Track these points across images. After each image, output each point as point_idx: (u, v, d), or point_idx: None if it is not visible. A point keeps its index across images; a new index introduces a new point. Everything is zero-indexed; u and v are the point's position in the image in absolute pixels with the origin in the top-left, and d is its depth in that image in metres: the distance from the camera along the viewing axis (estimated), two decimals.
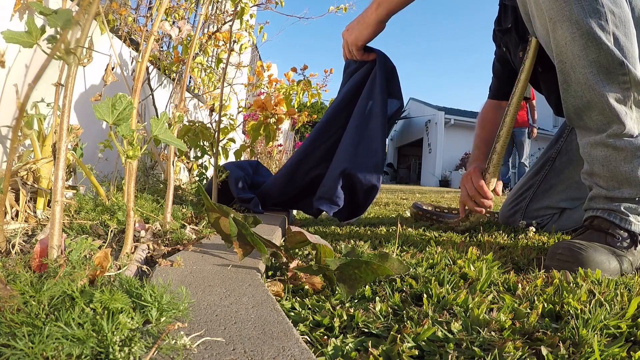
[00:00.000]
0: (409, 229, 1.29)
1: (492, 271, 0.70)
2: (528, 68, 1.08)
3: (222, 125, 1.70)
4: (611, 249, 0.81)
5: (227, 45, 1.52)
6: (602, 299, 0.58)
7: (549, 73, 1.09)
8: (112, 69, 1.21)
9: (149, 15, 1.73)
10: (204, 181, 1.62)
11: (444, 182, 12.26)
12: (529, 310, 0.53)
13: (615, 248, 0.81)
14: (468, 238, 1.14)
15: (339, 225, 1.36)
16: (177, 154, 1.60)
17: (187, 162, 1.76)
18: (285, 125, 5.88)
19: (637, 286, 0.67)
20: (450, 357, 0.41)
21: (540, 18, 0.88)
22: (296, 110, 2.21)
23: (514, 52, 1.26)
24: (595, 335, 0.46)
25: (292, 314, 0.53)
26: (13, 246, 0.63)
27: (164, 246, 0.80)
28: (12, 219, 0.79)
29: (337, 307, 0.53)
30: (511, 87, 1.14)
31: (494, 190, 1.18)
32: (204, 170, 1.66)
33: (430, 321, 0.49)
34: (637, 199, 0.84)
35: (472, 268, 0.74)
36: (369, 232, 1.23)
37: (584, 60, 0.81)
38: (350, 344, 0.43)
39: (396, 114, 1.35)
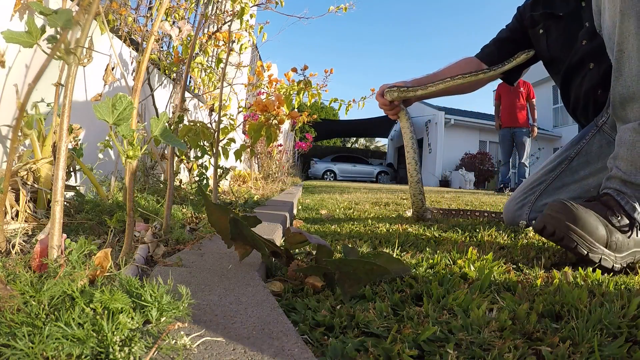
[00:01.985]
0: (409, 229, 1.29)
1: (492, 271, 0.70)
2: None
3: (222, 125, 1.70)
4: (605, 221, 0.83)
5: (227, 45, 1.52)
6: (602, 299, 0.58)
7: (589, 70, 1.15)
8: (112, 69, 1.21)
9: (149, 15, 1.73)
10: (204, 181, 1.62)
11: (444, 182, 12.26)
12: (529, 310, 0.53)
13: (609, 224, 0.83)
14: (468, 238, 1.14)
15: (339, 225, 1.36)
16: (177, 154, 1.60)
17: (187, 162, 1.76)
18: (286, 125, 5.88)
19: (637, 286, 0.67)
20: (450, 357, 0.41)
21: (611, 10, 0.94)
22: (297, 112, 2.21)
23: (557, 38, 1.32)
24: (595, 335, 0.46)
25: (292, 314, 0.53)
26: (13, 246, 0.63)
27: (164, 246, 0.80)
28: (12, 219, 0.79)
29: (337, 307, 0.53)
30: (501, 58, 1.30)
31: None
32: (204, 170, 1.66)
33: (430, 321, 0.49)
34: None
35: (472, 268, 0.73)
36: (369, 232, 1.23)
37: None
38: (350, 344, 0.43)
39: None
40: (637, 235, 0.86)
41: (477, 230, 1.27)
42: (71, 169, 1.03)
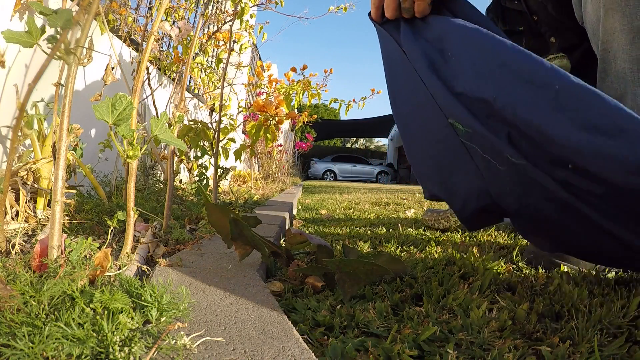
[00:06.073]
0: (409, 229, 1.29)
1: (492, 271, 0.70)
2: None
3: (222, 125, 1.70)
4: None
5: (227, 45, 1.52)
6: (602, 299, 0.58)
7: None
8: (112, 69, 1.21)
9: (149, 15, 1.73)
10: (204, 181, 1.62)
11: None
12: (529, 310, 0.53)
13: None
14: (468, 238, 1.14)
15: (339, 225, 1.36)
16: (177, 154, 1.60)
17: (187, 162, 1.76)
18: (286, 125, 5.88)
19: (637, 286, 0.67)
20: (450, 357, 0.41)
21: (594, 3, 0.87)
22: (296, 112, 2.21)
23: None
24: (595, 335, 0.46)
25: (292, 314, 0.53)
26: (13, 246, 0.63)
27: (164, 246, 0.80)
28: (12, 219, 0.79)
29: (337, 307, 0.53)
30: None
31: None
32: (204, 170, 1.66)
33: (430, 321, 0.49)
34: None
35: (472, 268, 0.73)
36: (369, 232, 1.23)
37: (626, 54, 0.81)
38: (350, 344, 0.43)
39: None
40: None
41: (477, 230, 1.27)
42: (71, 169, 1.03)
